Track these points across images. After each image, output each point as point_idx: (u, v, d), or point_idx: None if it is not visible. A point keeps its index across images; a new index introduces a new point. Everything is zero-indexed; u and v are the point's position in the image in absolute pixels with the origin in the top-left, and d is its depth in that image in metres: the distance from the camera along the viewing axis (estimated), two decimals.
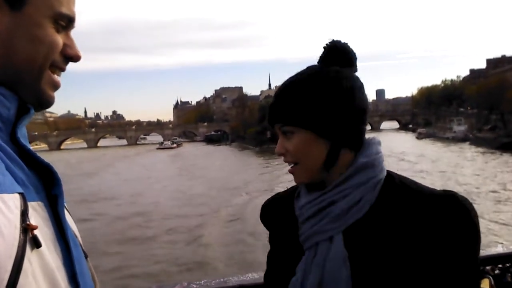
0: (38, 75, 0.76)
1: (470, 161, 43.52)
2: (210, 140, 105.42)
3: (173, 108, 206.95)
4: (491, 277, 2.02)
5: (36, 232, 0.65)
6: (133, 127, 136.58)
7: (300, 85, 1.05)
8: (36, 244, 0.64)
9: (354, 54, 1.09)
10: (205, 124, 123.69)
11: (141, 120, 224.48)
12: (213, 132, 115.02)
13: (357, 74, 1.10)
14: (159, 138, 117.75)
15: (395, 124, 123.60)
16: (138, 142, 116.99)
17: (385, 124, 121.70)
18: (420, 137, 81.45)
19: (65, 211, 0.81)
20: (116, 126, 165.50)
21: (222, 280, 1.81)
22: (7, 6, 0.71)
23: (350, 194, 1.01)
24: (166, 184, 37.78)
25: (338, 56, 1.07)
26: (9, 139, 0.74)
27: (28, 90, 0.76)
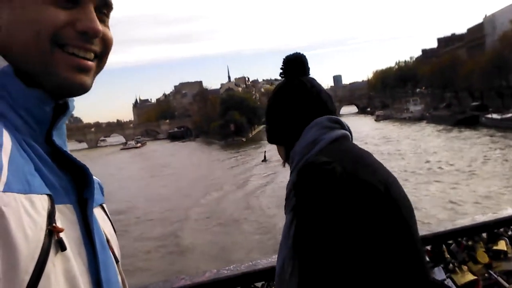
0: (43, 58, 0.71)
1: (430, 137, 45.24)
2: (173, 137, 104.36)
3: (133, 107, 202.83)
4: (506, 238, 2.22)
5: (61, 235, 0.65)
6: (92, 129, 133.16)
7: (273, 105, 1.45)
8: (61, 247, 0.64)
9: (306, 62, 1.42)
10: (167, 121, 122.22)
11: (100, 121, 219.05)
12: (176, 129, 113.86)
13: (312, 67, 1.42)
14: (120, 139, 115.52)
15: (354, 109, 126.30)
16: (98, 145, 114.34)
17: (344, 109, 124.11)
18: (378, 119, 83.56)
19: (102, 213, 0.80)
20: (75, 129, 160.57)
21: (251, 263, 1.85)
22: (5, 1, 0.70)
23: (289, 181, 1.29)
24: (135, 185, 37.31)
25: (293, 67, 1.41)
26: (44, 140, 0.73)
27: (46, 79, 0.72)
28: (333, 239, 1.08)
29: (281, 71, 1.42)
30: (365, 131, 59.31)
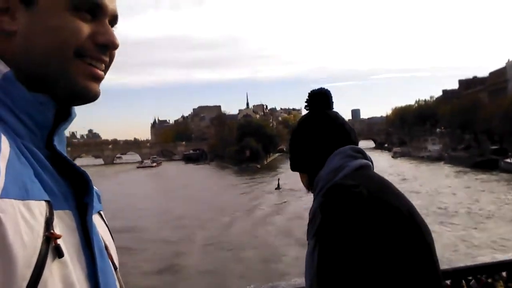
0: (63, 66, 0.74)
1: (448, 179, 44.60)
2: (188, 159, 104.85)
3: (151, 127, 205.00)
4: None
5: (59, 241, 0.64)
6: (110, 146, 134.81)
7: (294, 137, 1.56)
8: (58, 254, 0.64)
9: (331, 97, 1.53)
10: (184, 143, 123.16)
11: (118, 139, 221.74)
12: (191, 151, 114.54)
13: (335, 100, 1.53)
14: (136, 157, 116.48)
15: (370, 143, 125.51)
16: (114, 162, 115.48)
17: (361, 143, 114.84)
18: (395, 156, 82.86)
19: (100, 220, 0.81)
20: (92, 145, 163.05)
21: (271, 284, 1.95)
22: (23, 5, 0.72)
23: (312, 206, 1.37)
24: (148, 206, 37.35)
25: (318, 100, 1.51)
26: (45, 145, 0.73)
27: (60, 86, 0.74)
28: (358, 260, 1.11)
29: (306, 103, 1.51)
30: (381, 166, 58.74)
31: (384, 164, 64.96)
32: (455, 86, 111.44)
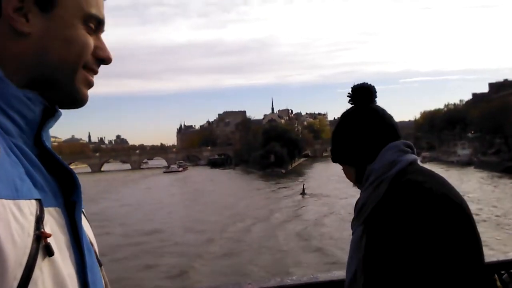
0: (72, 75, 0.77)
1: (477, 183, 43.49)
2: (214, 164, 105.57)
3: (177, 132, 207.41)
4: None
5: (50, 239, 0.65)
6: (137, 151, 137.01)
7: (341, 129, 1.56)
8: (48, 252, 0.64)
9: (375, 91, 1.54)
10: (209, 148, 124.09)
11: (145, 144, 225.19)
12: (216, 156, 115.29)
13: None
14: (162, 162, 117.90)
15: None
16: (141, 167, 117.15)
17: None
18: (424, 160, 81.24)
19: (84, 219, 0.81)
20: (120, 150, 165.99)
21: (312, 276, 1.98)
22: (37, 9, 0.73)
23: (362, 195, 1.41)
24: (175, 210, 37.66)
25: (362, 95, 1.52)
26: (33, 142, 0.74)
27: (63, 90, 0.78)
28: (426, 254, 1.16)
29: (349, 98, 1.53)
30: None
31: None
32: (485, 89, 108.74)
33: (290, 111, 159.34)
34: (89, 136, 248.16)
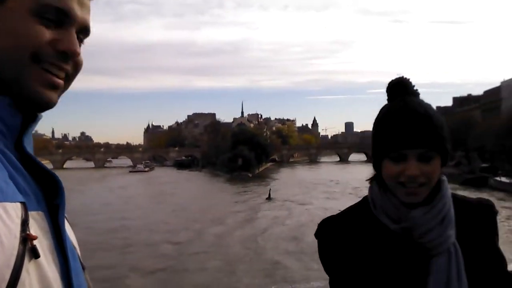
0: (18, 70, 0.73)
1: None
2: (180, 165, 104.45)
3: (144, 132, 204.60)
4: None
5: (35, 242, 0.64)
6: (102, 149, 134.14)
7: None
8: (34, 254, 0.64)
9: (411, 84, 1.35)
10: (176, 149, 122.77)
11: (110, 142, 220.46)
12: (183, 157, 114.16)
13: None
14: (127, 162, 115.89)
15: (362, 157, 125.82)
16: (105, 165, 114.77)
17: (353, 156, 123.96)
18: None
19: (67, 223, 0.80)
20: (84, 147, 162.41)
21: (291, 286, 1.90)
22: None
23: (452, 205, 1.25)
24: (138, 211, 36.99)
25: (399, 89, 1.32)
26: (14, 146, 0.73)
27: (16, 90, 0.74)
28: None
29: (387, 93, 1.34)
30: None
31: None
32: (450, 103, 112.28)
33: (259, 116, 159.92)
34: (53, 132, 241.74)
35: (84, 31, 0.81)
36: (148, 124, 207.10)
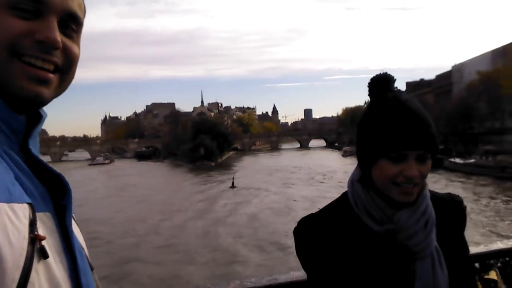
0: (1, 68, 0.70)
1: None
2: (141, 156, 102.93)
3: (101, 124, 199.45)
4: (496, 269, 2.37)
5: (43, 243, 0.64)
6: (58, 142, 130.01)
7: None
8: (43, 255, 0.64)
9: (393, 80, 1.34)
10: (136, 140, 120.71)
11: (66, 135, 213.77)
12: (144, 149, 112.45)
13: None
14: (85, 155, 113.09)
15: (322, 142, 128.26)
16: (62, 159, 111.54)
17: (313, 142, 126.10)
18: (345, 154, 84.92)
19: (74, 224, 0.79)
20: (39, 141, 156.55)
21: (271, 277, 1.94)
22: None
23: (432, 205, 1.25)
24: (102, 205, 36.38)
25: (380, 86, 1.30)
26: (19, 148, 0.73)
27: (4, 88, 0.71)
28: None
29: (369, 89, 1.31)
30: (332, 165, 60.53)
31: (334, 163, 66.75)
32: (403, 88, 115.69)
33: (219, 105, 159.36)
34: None
35: (72, 19, 0.77)
36: (105, 116, 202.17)
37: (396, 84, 1.29)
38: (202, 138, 76.01)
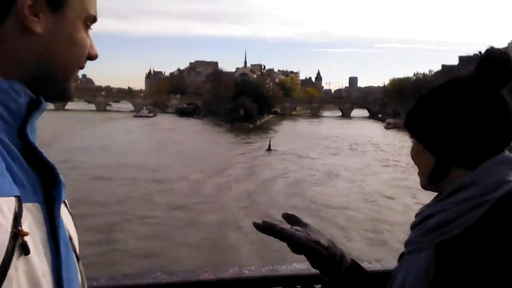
0: (70, 74, 0.79)
1: None
2: (181, 112, 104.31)
3: (145, 77, 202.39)
4: None
5: (27, 237, 0.64)
6: (103, 92, 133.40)
7: (428, 95, 1.09)
8: (24, 251, 0.63)
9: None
10: (178, 96, 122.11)
11: (112, 86, 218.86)
12: (185, 105, 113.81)
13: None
14: (128, 106, 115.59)
15: (365, 112, 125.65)
16: (107, 108, 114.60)
17: (355, 112, 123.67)
18: (388, 127, 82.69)
19: (64, 210, 0.79)
20: (85, 90, 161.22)
21: (272, 267, 1.85)
22: (48, 8, 0.73)
23: (447, 210, 1.01)
24: (141, 155, 37.23)
25: (494, 69, 1.00)
26: (17, 134, 0.72)
27: (57, 87, 0.79)
28: None
29: (478, 69, 1.04)
30: (375, 137, 59.47)
31: (378, 135, 65.33)
32: (456, 62, 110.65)
33: (262, 67, 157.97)
34: None
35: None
36: (150, 70, 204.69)
37: (449, 57, 1.01)
38: (243, 99, 75.95)
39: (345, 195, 24.95)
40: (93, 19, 0.81)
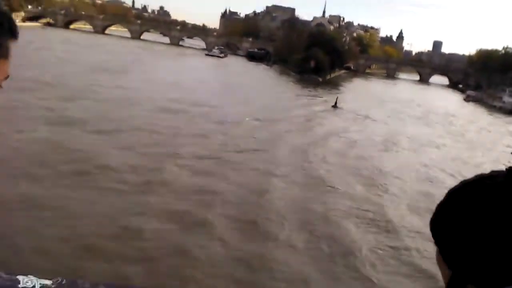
0: None
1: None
2: (252, 57, 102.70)
3: (220, 17, 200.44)
4: None
5: None
6: (178, 27, 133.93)
7: (457, 193, 0.85)
8: None
9: None
10: (250, 39, 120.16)
11: (187, 21, 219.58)
12: (256, 50, 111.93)
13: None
14: (201, 44, 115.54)
15: (445, 80, 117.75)
16: (180, 43, 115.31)
17: (434, 78, 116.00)
18: (467, 99, 77.85)
19: None
20: (162, 22, 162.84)
21: None
22: None
23: None
24: (210, 95, 37.11)
25: None
26: None
27: None
28: None
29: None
30: (452, 109, 55.53)
31: (455, 107, 60.94)
32: None
33: (341, 19, 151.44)
34: (133, 2, 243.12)
35: None
36: (226, 9, 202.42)
37: None
38: (315, 51, 73.31)
39: (404, 165, 23.45)
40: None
